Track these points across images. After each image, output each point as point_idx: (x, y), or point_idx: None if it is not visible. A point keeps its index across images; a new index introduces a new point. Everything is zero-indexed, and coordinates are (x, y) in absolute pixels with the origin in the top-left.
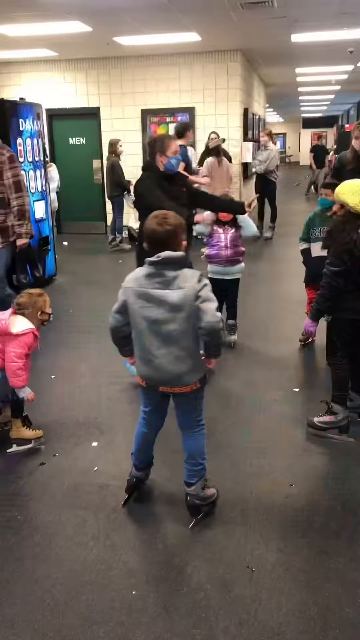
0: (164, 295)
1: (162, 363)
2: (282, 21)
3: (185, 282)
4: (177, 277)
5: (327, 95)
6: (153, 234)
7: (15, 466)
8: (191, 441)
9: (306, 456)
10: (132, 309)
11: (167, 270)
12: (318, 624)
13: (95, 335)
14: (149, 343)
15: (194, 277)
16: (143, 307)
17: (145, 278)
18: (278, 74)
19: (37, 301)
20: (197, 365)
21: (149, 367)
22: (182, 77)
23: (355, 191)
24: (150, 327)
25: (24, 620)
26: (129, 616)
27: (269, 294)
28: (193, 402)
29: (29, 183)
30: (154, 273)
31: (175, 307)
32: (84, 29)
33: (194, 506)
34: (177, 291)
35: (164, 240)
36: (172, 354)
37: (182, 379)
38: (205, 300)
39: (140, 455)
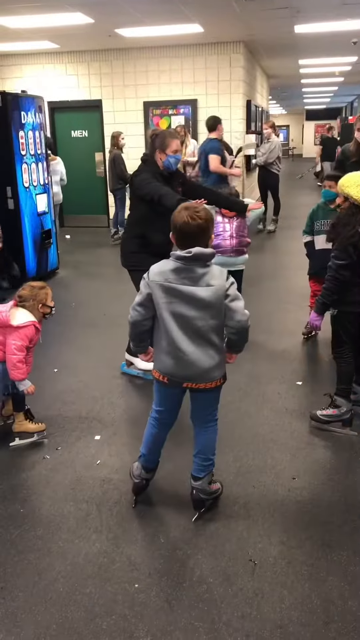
0: (192, 292)
1: (192, 359)
2: (285, 12)
3: (214, 280)
4: (205, 274)
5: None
6: (184, 227)
7: (18, 460)
8: (204, 436)
9: (309, 449)
10: (159, 304)
11: (196, 267)
12: (321, 617)
13: (98, 328)
14: (178, 339)
15: (223, 275)
16: (171, 303)
17: (172, 273)
18: (281, 66)
19: (38, 294)
20: (221, 361)
21: (177, 363)
22: (185, 69)
23: (358, 183)
24: (179, 322)
25: (27, 613)
26: (131, 609)
27: (272, 286)
28: (212, 398)
29: (30, 176)
30: (182, 268)
31: (204, 304)
32: (85, 21)
33: (198, 500)
34: (206, 288)
35: (195, 235)
36: (203, 350)
37: (209, 374)
38: (235, 299)
39: (150, 456)
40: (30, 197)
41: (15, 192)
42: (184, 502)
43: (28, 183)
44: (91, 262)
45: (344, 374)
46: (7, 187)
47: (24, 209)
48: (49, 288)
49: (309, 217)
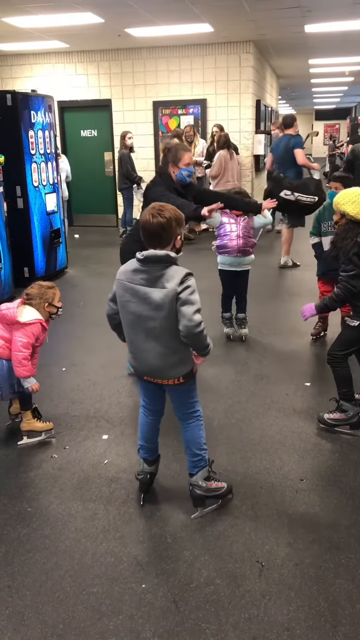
0: (147, 293)
1: (145, 357)
2: (295, 11)
3: (169, 282)
4: (162, 276)
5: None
6: (146, 225)
7: (26, 458)
8: (187, 432)
9: (317, 451)
10: (119, 302)
11: (152, 268)
12: (328, 619)
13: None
14: (134, 336)
15: (177, 278)
16: (128, 301)
17: (132, 272)
18: (291, 65)
19: (45, 292)
20: (181, 361)
21: (134, 357)
22: (194, 69)
23: (354, 200)
24: (135, 321)
25: (34, 612)
26: (138, 609)
27: (280, 287)
28: (182, 394)
29: (40, 175)
30: (140, 269)
31: (156, 305)
32: (95, 21)
33: (196, 497)
34: (159, 290)
35: (156, 234)
36: (155, 349)
37: (164, 372)
38: (185, 304)
39: (147, 445)
40: (40, 196)
41: (24, 191)
42: (191, 503)
43: (37, 182)
44: (100, 261)
45: (342, 378)
46: (16, 186)
47: (33, 208)
48: (57, 289)
49: (315, 218)
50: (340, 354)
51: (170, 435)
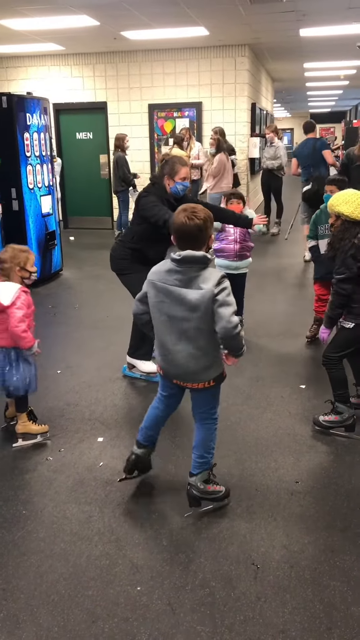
0: (182, 294)
1: (177, 359)
2: (290, 15)
3: (205, 284)
4: (197, 277)
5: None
6: (182, 228)
7: (21, 461)
8: (201, 432)
9: (312, 453)
10: (151, 302)
11: (188, 269)
12: (323, 622)
13: (101, 330)
14: (165, 337)
15: (214, 279)
16: (162, 302)
17: (166, 273)
18: (286, 69)
19: (17, 256)
20: (212, 363)
21: (164, 359)
22: (190, 72)
23: (347, 200)
24: (168, 322)
25: (28, 615)
26: (133, 612)
27: (275, 290)
28: (207, 397)
29: (35, 177)
30: (175, 270)
31: (192, 306)
32: (91, 23)
33: (191, 496)
34: (195, 291)
35: (192, 235)
36: (187, 351)
37: (195, 376)
38: (223, 305)
39: (149, 431)
40: (35, 199)
41: (19, 194)
42: (186, 506)
43: (33, 184)
44: (95, 263)
45: (337, 379)
46: (11, 189)
47: (29, 210)
48: (31, 252)
49: (312, 221)
50: (335, 356)
51: (167, 438)
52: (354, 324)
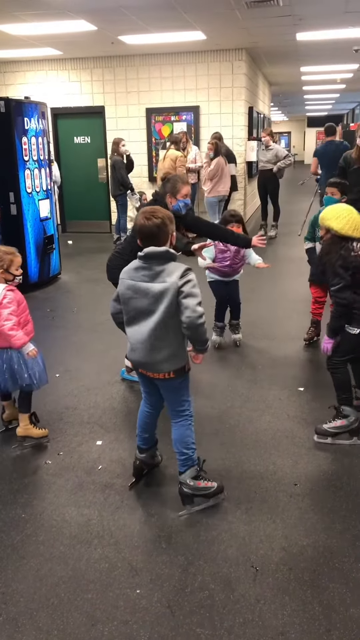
0: (148, 287)
1: (139, 348)
2: (287, 19)
3: (169, 277)
4: (162, 271)
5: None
6: (142, 228)
7: (20, 464)
8: (175, 430)
9: (311, 455)
10: (122, 299)
11: (153, 264)
12: (322, 624)
13: (100, 333)
14: (133, 329)
15: (178, 272)
16: (131, 298)
17: (134, 271)
18: (283, 73)
19: (2, 258)
20: (172, 356)
21: (132, 350)
22: (187, 76)
23: (338, 216)
24: (135, 315)
25: (28, 618)
26: (133, 615)
27: (273, 292)
28: (172, 391)
29: (33, 181)
30: (141, 266)
31: (156, 298)
32: (89, 28)
33: (183, 494)
34: (160, 284)
35: (152, 234)
36: (149, 342)
37: (156, 366)
38: (187, 296)
39: (143, 434)
40: (33, 203)
41: (18, 198)
42: (184, 508)
43: (31, 189)
44: (93, 267)
45: (342, 382)
46: (10, 193)
47: (27, 215)
48: (17, 255)
49: (310, 223)
50: (341, 361)
51: (165, 440)
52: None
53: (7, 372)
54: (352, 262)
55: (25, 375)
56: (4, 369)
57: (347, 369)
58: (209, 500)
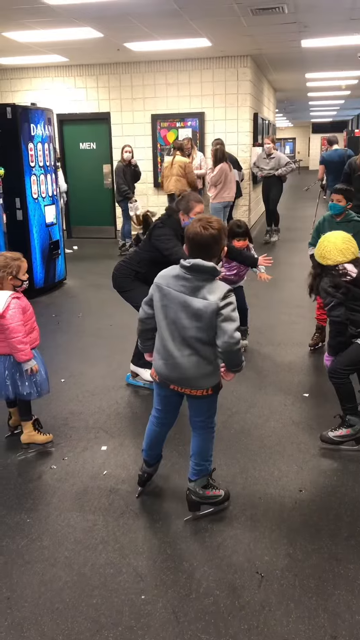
0: (187, 301)
1: (177, 363)
2: (292, 27)
3: (211, 295)
4: (203, 287)
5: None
6: (196, 237)
7: (25, 469)
8: (198, 440)
9: (315, 461)
10: (156, 305)
11: (195, 277)
12: (327, 631)
13: (105, 339)
14: (166, 341)
15: (220, 292)
16: (166, 306)
17: (173, 278)
18: (288, 79)
19: (9, 264)
20: (212, 372)
21: (165, 364)
22: (192, 83)
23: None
24: (170, 326)
25: (33, 623)
26: (137, 621)
27: (278, 298)
28: (204, 405)
29: (39, 187)
30: (182, 276)
31: (195, 315)
32: (95, 35)
33: (191, 502)
34: (200, 301)
35: (207, 245)
36: (187, 357)
37: (193, 382)
38: (227, 320)
39: (151, 452)
40: (39, 209)
41: (24, 203)
42: (189, 514)
43: (37, 194)
44: (98, 273)
45: (346, 392)
46: (16, 198)
47: (33, 220)
48: (23, 261)
49: (315, 229)
50: (345, 371)
51: (171, 447)
52: None
53: (9, 379)
54: (339, 282)
55: (27, 383)
56: (5, 375)
57: (350, 379)
58: (215, 507)
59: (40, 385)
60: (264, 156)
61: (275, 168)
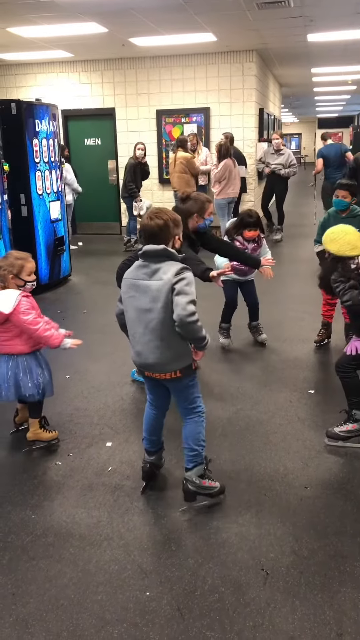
0: (147, 286)
1: (143, 350)
2: (298, 21)
3: (165, 274)
4: (159, 269)
5: (343, 96)
6: (144, 227)
7: (30, 466)
8: (186, 427)
9: (321, 458)
10: (124, 299)
11: (151, 262)
12: (333, 628)
13: (110, 335)
14: (134, 330)
15: (174, 270)
16: (132, 297)
17: (135, 270)
18: (293, 74)
19: (13, 263)
20: (178, 355)
21: (136, 353)
22: (197, 78)
23: (333, 238)
24: (135, 315)
25: (37, 620)
26: (142, 617)
27: (284, 294)
28: (182, 390)
29: (44, 183)
30: (141, 265)
31: (154, 297)
32: (100, 30)
33: (187, 491)
34: (156, 282)
35: (154, 234)
36: (152, 342)
37: (161, 367)
38: (180, 293)
39: (151, 437)
40: (44, 204)
41: (28, 200)
42: (195, 511)
43: (42, 190)
44: (103, 269)
45: (353, 388)
46: (20, 194)
47: (37, 216)
48: (29, 261)
49: (320, 225)
50: (350, 365)
51: (174, 443)
52: None
53: (12, 380)
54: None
55: (29, 384)
56: (8, 376)
57: (356, 374)
58: (211, 499)
59: (44, 387)
60: (271, 151)
61: (284, 165)
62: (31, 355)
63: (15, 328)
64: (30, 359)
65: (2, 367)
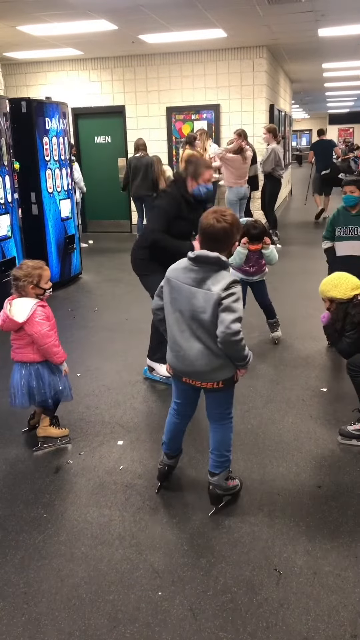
0: (193, 292)
1: (187, 356)
2: (308, 15)
3: (215, 286)
4: (209, 278)
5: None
6: (208, 229)
7: (42, 464)
8: (217, 433)
9: (334, 457)
10: (166, 298)
11: (202, 269)
12: (348, 629)
13: (121, 333)
14: (177, 334)
15: (224, 283)
16: (175, 299)
17: (182, 271)
18: (304, 70)
19: (30, 273)
20: (222, 366)
21: (175, 357)
22: (208, 74)
23: (336, 284)
24: (179, 318)
25: (49, 619)
26: (154, 617)
27: (296, 291)
28: (219, 398)
29: (54, 182)
30: (190, 268)
31: (200, 307)
32: (109, 28)
33: (215, 495)
34: (204, 292)
35: (217, 237)
36: (196, 349)
37: (204, 375)
38: (226, 310)
39: (171, 444)
40: (54, 203)
41: (39, 198)
42: (207, 510)
43: (52, 189)
44: (114, 267)
45: None
46: (31, 193)
47: (48, 215)
48: (45, 269)
49: (329, 222)
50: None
51: (188, 442)
52: None
53: (25, 387)
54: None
55: (42, 391)
56: (21, 384)
57: None
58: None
59: (57, 394)
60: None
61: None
62: (44, 363)
63: (28, 336)
64: (43, 367)
65: (16, 374)
